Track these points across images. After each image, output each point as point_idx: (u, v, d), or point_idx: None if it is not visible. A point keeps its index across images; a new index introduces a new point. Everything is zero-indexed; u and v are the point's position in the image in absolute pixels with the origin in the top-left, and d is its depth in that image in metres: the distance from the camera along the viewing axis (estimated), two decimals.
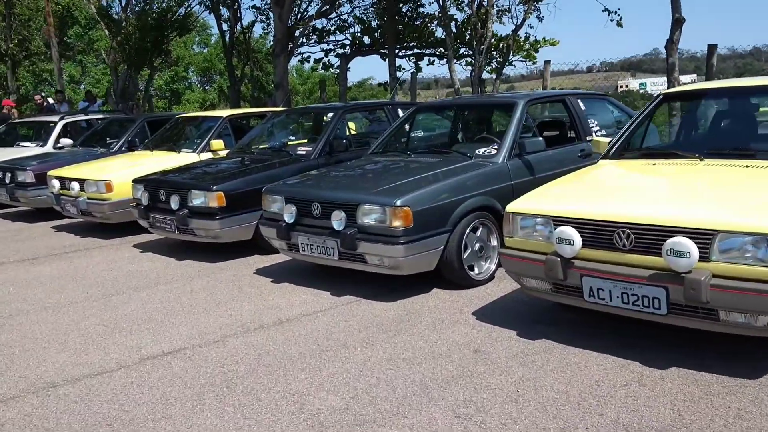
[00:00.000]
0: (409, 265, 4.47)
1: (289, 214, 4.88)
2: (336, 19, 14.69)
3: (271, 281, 5.30)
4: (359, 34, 14.66)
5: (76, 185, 7.49)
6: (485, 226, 4.86)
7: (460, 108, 6.71)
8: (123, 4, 15.88)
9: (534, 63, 13.40)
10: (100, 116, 11.77)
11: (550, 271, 3.51)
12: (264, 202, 5.29)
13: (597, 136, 5.79)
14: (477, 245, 4.78)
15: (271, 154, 6.86)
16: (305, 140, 7.66)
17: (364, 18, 14.61)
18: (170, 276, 5.65)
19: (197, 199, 5.98)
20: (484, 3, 10.90)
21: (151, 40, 14.70)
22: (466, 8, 11.23)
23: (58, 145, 10.31)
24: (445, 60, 14.81)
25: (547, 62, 10.95)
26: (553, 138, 6.01)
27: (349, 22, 14.71)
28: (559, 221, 3.53)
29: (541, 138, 5.20)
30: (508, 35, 11.87)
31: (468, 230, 4.69)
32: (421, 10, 13.86)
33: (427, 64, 15.13)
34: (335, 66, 15.76)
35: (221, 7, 14.60)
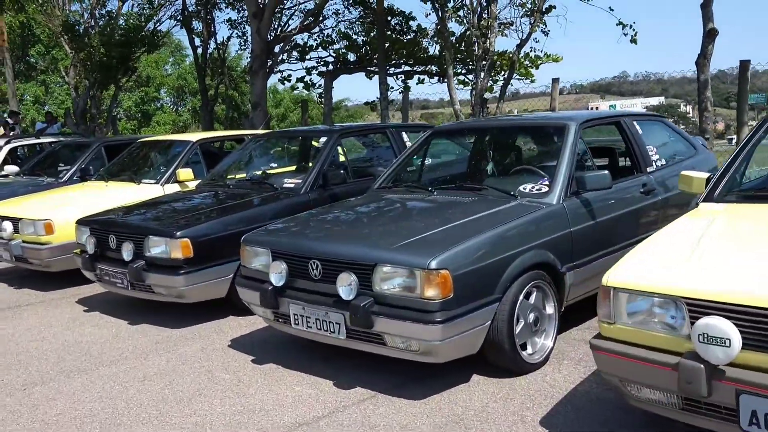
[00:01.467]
0: (448, 350, 3.28)
1: (277, 275, 3.67)
2: (319, 34, 13.55)
3: (252, 360, 4.00)
4: (344, 50, 13.50)
5: (8, 225, 6.11)
6: (540, 289, 3.65)
7: (489, 132, 5.27)
8: (87, 18, 14.50)
9: (532, 81, 12.34)
10: (53, 140, 10.38)
11: (687, 383, 2.30)
12: (243, 254, 4.05)
13: (659, 166, 4.72)
14: (531, 316, 3.58)
15: (250, 188, 5.59)
16: (292, 169, 6.38)
17: (350, 33, 13.48)
18: (118, 351, 4.31)
19: (156, 247, 4.68)
20: (485, 15, 9.81)
21: (116, 57, 13.36)
22: (465, 21, 10.08)
23: (2, 173, 8.91)
24: (436, 79, 13.78)
25: (555, 80, 9.85)
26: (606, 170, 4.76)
27: (333, 37, 13.57)
28: (702, 307, 2.34)
29: (606, 171, 3.99)
30: (507, 51, 10.75)
31: (521, 297, 3.49)
32: (411, 23, 12.80)
33: (417, 83, 14.00)
34: (317, 85, 14.59)
35: (193, 21, 13.32)
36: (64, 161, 9.10)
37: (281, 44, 12.31)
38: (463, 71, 13.11)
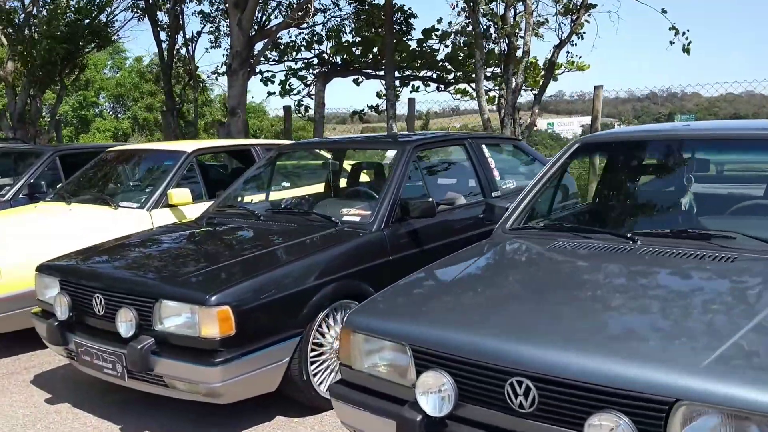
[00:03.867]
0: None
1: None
2: (308, 31, 11.89)
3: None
4: (329, 51, 11.87)
5: None
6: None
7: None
8: (26, 5, 12.39)
9: (531, 91, 11.00)
10: None
11: None
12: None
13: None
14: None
15: (292, 221, 3.95)
16: (343, 194, 4.72)
17: (341, 32, 11.88)
18: None
19: (175, 318, 3.02)
20: (518, 9, 8.45)
21: (61, 53, 11.35)
22: (492, 17, 8.68)
23: None
24: (434, 86, 12.34)
25: (598, 87, 8.61)
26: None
27: (323, 35, 11.94)
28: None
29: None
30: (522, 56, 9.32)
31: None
32: (412, 20, 11.32)
33: (411, 91, 12.49)
34: (295, 91, 12.90)
35: (158, 12, 11.45)
36: (2, 174, 7.21)
37: (265, 40, 10.62)
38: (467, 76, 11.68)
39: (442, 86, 12.28)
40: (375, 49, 11.74)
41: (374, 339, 2.26)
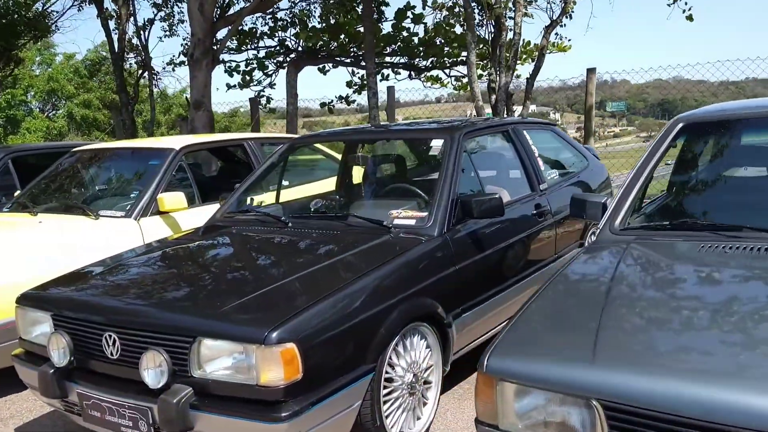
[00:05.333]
0: None
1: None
2: (271, 17, 11.07)
3: None
4: (296, 38, 11.08)
5: None
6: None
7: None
8: None
9: (518, 76, 10.60)
10: None
11: None
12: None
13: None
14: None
15: (330, 226, 3.30)
16: (379, 193, 4.06)
17: (309, 15, 11.10)
18: None
19: (220, 360, 2.35)
20: None
21: None
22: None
23: None
24: (406, 74, 11.74)
25: (591, 70, 8.20)
26: None
27: (287, 21, 11.13)
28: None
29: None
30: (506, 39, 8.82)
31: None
32: (383, 8, 10.66)
33: (381, 79, 11.84)
34: (256, 81, 12.06)
35: None
36: None
37: (229, 27, 9.78)
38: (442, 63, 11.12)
39: (414, 73, 11.71)
40: (342, 36, 11.05)
41: (536, 390, 1.69)
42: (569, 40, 8.75)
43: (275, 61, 11.94)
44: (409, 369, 2.72)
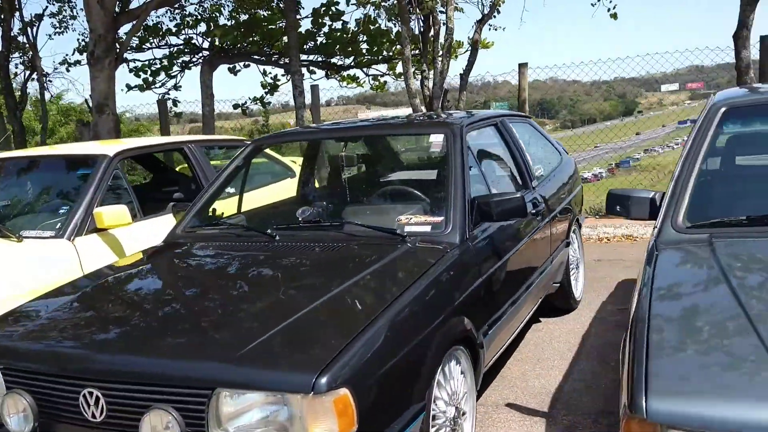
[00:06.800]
0: None
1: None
2: (179, 12, 10.23)
3: None
4: (208, 36, 10.32)
5: None
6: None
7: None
8: None
9: (427, 78, 10.43)
10: None
11: None
12: None
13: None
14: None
15: (331, 238, 2.82)
16: (369, 197, 3.57)
17: (219, 12, 10.35)
18: None
19: (249, 415, 1.85)
20: None
21: None
22: None
23: None
24: (322, 73, 11.28)
25: (522, 65, 8.11)
26: None
27: (197, 17, 10.34)
28: None
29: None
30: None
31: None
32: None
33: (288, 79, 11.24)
34: (160, 82, 11.19)
35: None
36: None
37: (133, 22, 8.92)
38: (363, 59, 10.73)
39: (331, 72, 11.28)
40: (255, 34, 10.44)
41: None
42: (504, 29, 8.64)
43: (181, 61, 11.12)
44: (450, 401, 2.34)
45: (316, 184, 4.07)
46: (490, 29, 8.87)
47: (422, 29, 8.10)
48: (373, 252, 2.59)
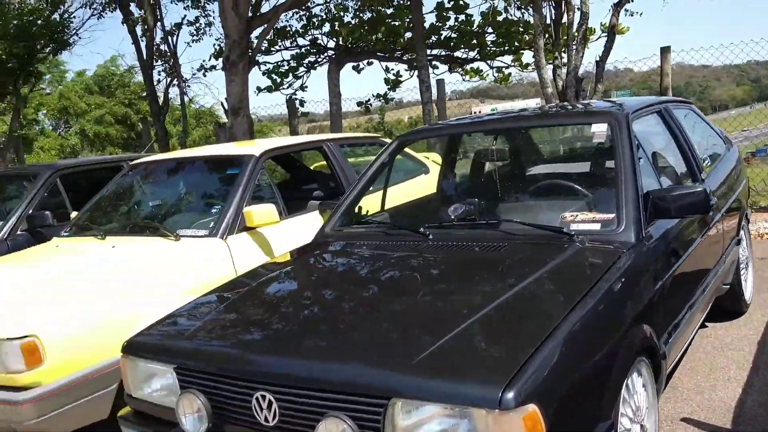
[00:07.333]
0: None
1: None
2: (305, 14, 10.48)
3: None
4: (335, 35, 10.49)
5: None
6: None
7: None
8: None
9: (560, 66, 9.92)
10: None
11: None
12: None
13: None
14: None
15: (488, 237, 2.66)
16: (537, 194, 3.39)
17: (345, 11, 10.49)
18: None
19: (426, 426, 1.74)
20: None
21: (20, 52, 9.65)
22: None
23: None
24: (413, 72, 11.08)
25: (665, 49, 7.56)
26: None
27: (323, 17, 10.55)
28: None
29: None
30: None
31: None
32: None
33: (394, 76, 11.14)
34: (287, 84, 11.49)
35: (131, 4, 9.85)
36: None
37: (264, 26, 9.22)
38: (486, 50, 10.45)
39: (454, 66, 11.10)
40: (380, 31, 10.48)
41: None
42: (641, 14, 8.09)
43: (306, 61, 11.38)
44: (634, 418, 2.12)
45: (461, 180, 3.92)
46: (626, 14, 8.37)
47: (554, 17, 7.73)
48: (539, 252, 2.41)
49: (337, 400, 1.79)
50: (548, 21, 7.93)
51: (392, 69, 11.52)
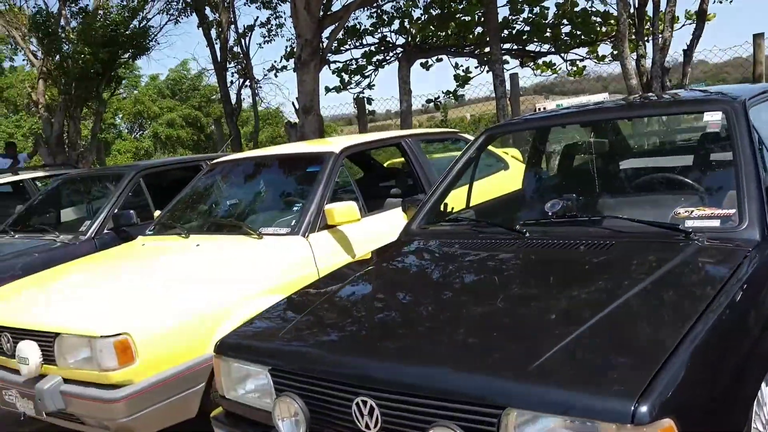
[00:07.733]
0: None
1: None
2: (375, 11, 10.43)
3: None
4: (406, 32, 10.39)
5: (30, 350, 2.93)
6: None
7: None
8: (56, 14, 11.03)
9: (644, 56, 9.49)
10: (34, 174, 7.09)
11: None
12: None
13: None
14: None
15: (592, 234, 2.48)
16: (640, 189, 3.19)
17: (415, 6, 10.39)
18: None
19: None
20: None
21: (103, 59, 9.98)
22: None
23: None
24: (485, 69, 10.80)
25: (758, 36, 7.12)
26: None
27: (392, 14, 10.48)
28: None
29: None
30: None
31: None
32: None
33: (463, 72, 10.91)
34: (355, 83, 11.47)
35: (206, 7, 10.02)
36: (68, 206, 5.95)
37: (335, 25, 9.22)
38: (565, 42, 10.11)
39: (526, 60, 10.82)
40: (451, 27, 10.32)
41: None
42: (731, 2, 7.65)
43: (375, 59, 11.33)
44: (765, 430, 1.92)
45: (551, 176, 3.75)
46: (714, 1, 7.93)
47: (637, 5, 7.38)
48: (653, 252, 2.23)
49: (447, 408, 1.68)
50: (631, 9, 7.58)
51: (461, 65, 11.36)
